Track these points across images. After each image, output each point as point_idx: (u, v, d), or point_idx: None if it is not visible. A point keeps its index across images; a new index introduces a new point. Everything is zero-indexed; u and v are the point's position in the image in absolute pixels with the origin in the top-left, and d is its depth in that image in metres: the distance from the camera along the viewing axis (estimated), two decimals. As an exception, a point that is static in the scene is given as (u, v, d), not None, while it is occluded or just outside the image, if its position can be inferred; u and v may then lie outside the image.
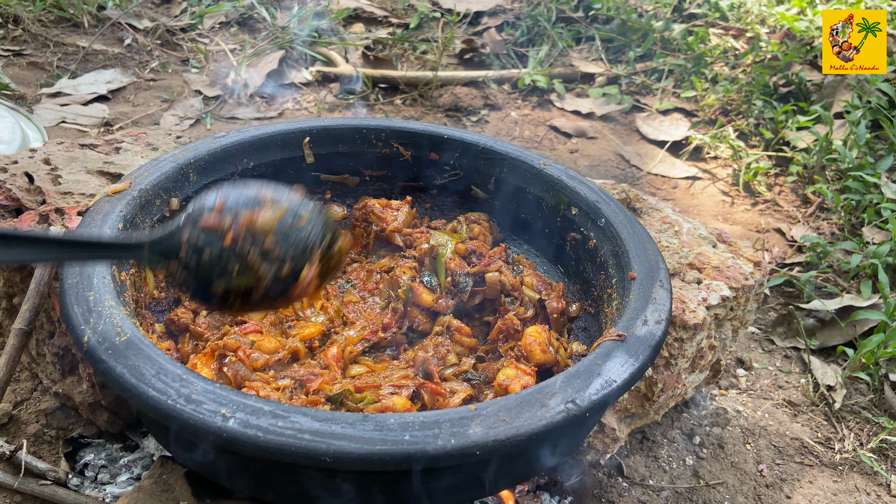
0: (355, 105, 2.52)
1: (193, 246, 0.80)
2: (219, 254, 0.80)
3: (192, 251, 0.80)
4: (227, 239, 0.80)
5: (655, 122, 2.57)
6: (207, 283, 0.81)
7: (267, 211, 0.82)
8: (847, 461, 1.41)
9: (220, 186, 0.84)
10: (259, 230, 0.81)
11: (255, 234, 0.81)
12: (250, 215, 0.81)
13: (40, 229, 1.08)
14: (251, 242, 0.81)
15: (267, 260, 0.81)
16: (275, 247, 0.82)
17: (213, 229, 0.80)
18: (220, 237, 0.80)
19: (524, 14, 3.07)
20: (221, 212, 0.81)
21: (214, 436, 0.72)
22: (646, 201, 1.48)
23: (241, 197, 0.83)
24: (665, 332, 0.90)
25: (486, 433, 0.73)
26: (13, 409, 1.28)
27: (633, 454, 1.38)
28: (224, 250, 0.80)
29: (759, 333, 1.74)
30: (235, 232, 0.80)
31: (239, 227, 0.81)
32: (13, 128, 1.97)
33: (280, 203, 0.84)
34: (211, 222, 0.80)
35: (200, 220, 0.81)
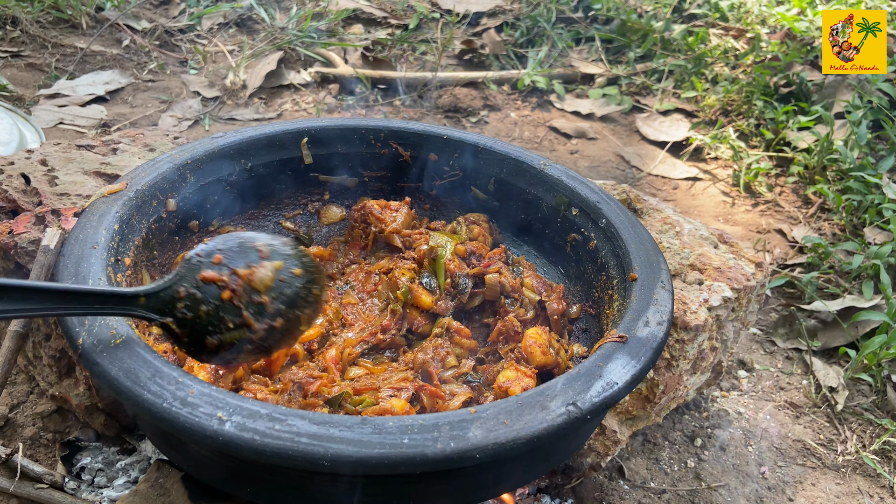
0: (354, 106, 2.51)
1: (191, 298, 0.80)
2: (216, 308, 0.80)
3: (189, 304, 0.80)
4: (224, 293, 0.80)
5: (656, 123, 2.56)
6: (201, 338, 0.81)
7: (264, 266, 0.83)
8: (850, 463, 1.40)
9: (214, 238, 0.85)
10: (256, 286, 0.81)
11: (253, 290, 0.81)
12: (248, 272, 0.82)
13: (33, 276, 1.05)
14: (248, 298, 0.81)
15: (263, 315, 0.82)
16: (271, 302, 0.82)
17: (211, 282, 0.80)
18: (218, 292, 0.80)
19: (524, 15, 3.06)
20: (220, 266, 0.81)
21: (210, 439, 0.71)
22: (646, 202, 1.47)
23: (238, 250, 0.83)
24: (667, 333, 0.89)
25: (486, 436, 0.72)
26: (9, 412, 1.27)
27: (634, 456, 1.37)
28: (221, 304, 0.80)
29: (761, 335, 1.73)
30: (234, 288, 0.80)
31: (237, 282, 0.81)
32: (10, 129, 1.96)
33: (276, 256, 0.84)
34: (209, 276, 0.80)
35: (199, 272, 0.80)
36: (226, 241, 0.84)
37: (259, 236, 0.86)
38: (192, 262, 0.81)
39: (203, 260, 0.81)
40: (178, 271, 0.81)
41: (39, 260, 1.11)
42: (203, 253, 0.82)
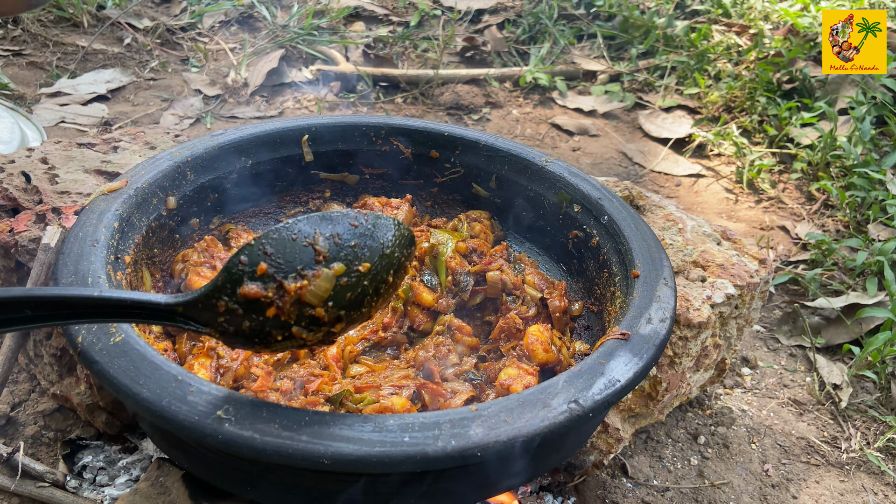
0: (356, 104, 2.50)
1: (232, 313, 0.69)
2: (260, 325, 0.70)
3: (230, 319, 0.70)
4: (268, 312, 0.69)
5: (658, 120, 2.55)
6: (247, 345, 0.72)
7: (320, 276, 0.70)
8: (854, 460, 1.39)
9: (264, 234, 0.70)
10: (309, 301, 0.70)
11: (305, 304, 0.70)
12: (299, 285, 0.69)
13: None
14: (299, 312, 0.70)
15: (318, 326, 0.71)
16: (328, 315, 0.71)
17: (253, 299, 0.69)
18: (262, 309, 0.69)
19: (525, 11, 3.05)
20: (264, 277, 0.69)
21: (210, 438, 0.70)
22: (649, 199, 1.46)
23: (290, 252, 0.69)
24: (670, 330, 0.89)
25: (488, 434, 0.72)
26: (11, 411, 1.27)
27: (638, 454, 1.36)
28: (267, 321, 0.70)
29: (764, 332, 1.72)
30: (280, 306, 0.69)
31: (284, 301, 0.69)
32: (12, 128, 1.96)
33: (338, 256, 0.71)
34: (251, 293, 0.68)
35: (239, 287, 0.69)
36: (277, 241, 0.70)
37: (320, 224, 0.72)
38: (233, 271, 0.69)
39: (246, 269, 0.69)
40: (217, 280, 0.69)
41: (40, 258, 1.11)
42: (246, 260, 0.69)
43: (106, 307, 0.69)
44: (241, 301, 0.69)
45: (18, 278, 1.19)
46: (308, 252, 0.70)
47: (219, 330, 0.71)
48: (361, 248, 0.73)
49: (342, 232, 0.72)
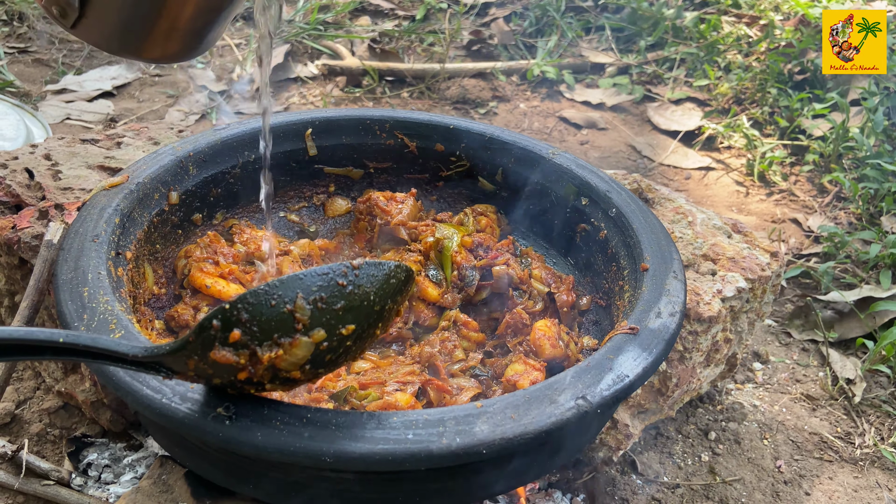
0: (362, 98, 2.49)
1: (202, 371, 0.68)
2: (231, 383, 0.69)
3: (199, 374, 0.68)
4: (240, 375, 0.67)
5: (667, 112, 2.52)
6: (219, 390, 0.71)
7: (298, 344, 0.66)
8: (868, 456, 1.37)
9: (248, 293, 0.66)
10: (285, 368, 0.67)
11: (279, 370, 0.67)
12: (273, 354, 0.66)
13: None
14: (273, 375, 0.68)
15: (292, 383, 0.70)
16: (303, 375, 0.69)
17: (224, 364, 0.66)
18: (234, 372, 0.67)
19: (533, 4, 3.03)
20: (237, 346, 0.66)
21: (211, 436, 0.69)
22: (658, 192, 1.44)
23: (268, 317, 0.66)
24: (679, 324, 0.87)
25: (493, 431, 0.70)
26: (16, 409, 1.27)
27: (648, 450, 1.34)
28: (237, 381, 0.68)
29: (776, 326, 1.70)
30: (252, 371, 0.67)
31: (258, 368, 0.67)
32: (17, 125, 1.95)
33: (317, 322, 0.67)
34: (221, 359, 0.66)
35: (210, 351, 0.66)
36: (254, 306, 0.65)
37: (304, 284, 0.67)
38: (205, 335, 0.65)
39: (218, 335, 0.65)
40: (188, 338, 0.66)
41: (42, 254, 1.10)
42: (219, 325, 0.65)
43: (72, 350, 0.68)
44: (210, 363, 0.66)
45: (22, 275, 1.19)
46: (287, 319, 0.66)
47: (189, 379, 0.69)
48: (347, 310, 0.69)
49: (327, 295, 0.68)
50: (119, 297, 0.85)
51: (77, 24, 0.76)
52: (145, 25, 0.77)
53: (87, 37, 0.79)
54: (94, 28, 0.77)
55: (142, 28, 0.77)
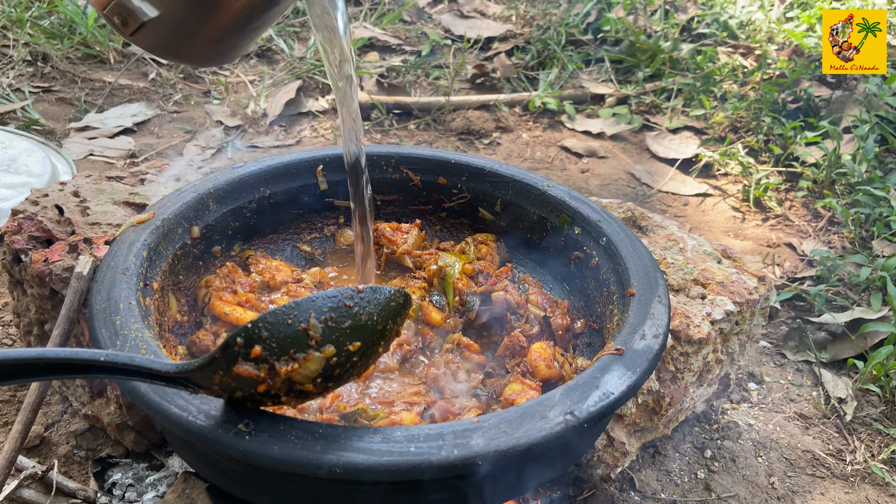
0: (370, 131, 2.59)
1: (226, 385, 0.76)
2: (251, 396, 0.77)
3: (223, 388, 0.77)
4: (260, 387, 0.75)
5: (665, 141, 2.61)
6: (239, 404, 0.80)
7: (311, 359, 0.75)
8: (858, 472, 1.42)
9: (268, 314, 0.75)
10: (299, 380, 0.76)
11: (294, 382, 0.76)
12: (290, 368, 0.74)
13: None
14: (288, 388, 0.76)
15: (304, 396, 0.79)
16: (315, 388, 0.78)
17: (246, 378, 0.74)
18: (254, 385, 0.75)
19: (534, 38, 3.14)
20: (258, 360, 0.74)
21: (233, 450, 0.76)
22: (651, 219, 1.51)
23: (285, 335, 0.74)
24: (663, 345, 0.93)
25: (488, 444, 0.77)
26: (45, 431, 1.34)
27: (645, 468, 1.40)
28: (256, 393, 0.76)
29: (771, 347, 1.75)
30: (271, 384, 0.75)
31: (276, 380, 0.75)
32: (43, 161, 2.06)
33: (329, 339, 0.75)
34: (244, 373, 0.74)
35: (234, 366, 0.74)
36: (272, 325, 0.74)
37: (316, 306, 0.76)
38: (230, 350, 0.74)
39: (241, 351, 0.74)
40: (215, 355, 0.74)
41: (73, 286, 1.18)
42: (242, 342, 0.74)
43: (111, 368, 0.77)
44: (234, 377, 0.75)
45: (52, 305, 1.27)
46: (301, 336, 0.75)
47: (213, 394, 0.78)
48: (354, 329, 0.77)
49: (336, 315, 0.76)
50: (147, 324, 0.93)
51: (136, 33, 0.86)
52: (197, 31, 0.87)
53: (144, 43, 0.89)
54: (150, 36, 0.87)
55: (194, 34, 0.87)
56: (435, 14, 3.48)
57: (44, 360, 0.75)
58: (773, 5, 3.20)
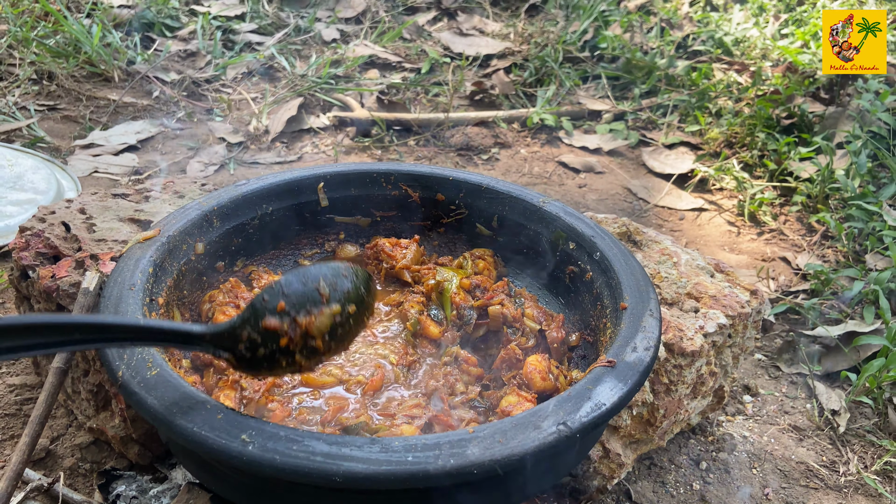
0: (371, 147, 2.63)
1: (251, 342, 0.86)
2: (272, 352, 0.86)
3: (249, 346, 0.86)
4: (282, 341, 0.86)
5: (661, 156, 2.64)
6: (255, 370, 0.88)
7: (323, 314, 0.87)
8: (852, 484, 1.44)
9: (279, 280, 0.88)
10: (313, 334, 0.87)
11: (309, 336, 0.87)
12: (308, 320, 0.86)
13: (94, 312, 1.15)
14: (304, 344, 0.87)
15: (314, 355, 0.89)
16: (323, 346, 0.88)
17: (272, 331, 0.86)
18: (277, 339, 0.86)
19: (532, 56, 3.18)
20: (282, 314, 0.86)
21: (236, 459, 0.79)
22: (646, 234, 1.54)
23: (301, 294, 0.87)
24: (654, 358, 0.96)
25: (483, 453, 0.79)
26: (50, 444, 1.36)
27: (641, 480, 1.42)
28: (278, 349, 0.86)
29: (766, 360, 1.78)
30: (292, 337, 0.86)
31: (296, 332, 0.86)
32: (49, 178, 2.09)
33: (335, 298, 0.88)
34: (272, 325, 0.85)
35: (263, 320, 0.85)
36: (290, 284, 0.87)
37: (322, 272, 0.89)
38: (258, 307, 0.86)
39: (268, 306, 0.86)
40: (244, 315, 0.86)
41: (80, 301, 1.21)
42: (268, 299, 0.86)
43: (148, 332, 0.85)
44: (261, 331, 0.85)
45: (59, 320, 1.29)
46: (315, 294, 0.88)
47: (237, 355, 0.87)
48: (349, 292, 0.90)
49: (337, 281, 0.90)
50: (153, 338, 0.96)
51: None
52: None
53: None
54: None
55: None
56: (434, 32, 3.53)
57: (74, 324, 0.81)
58: (768, 22, 3.25)
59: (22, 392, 1.47)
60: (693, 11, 3.52)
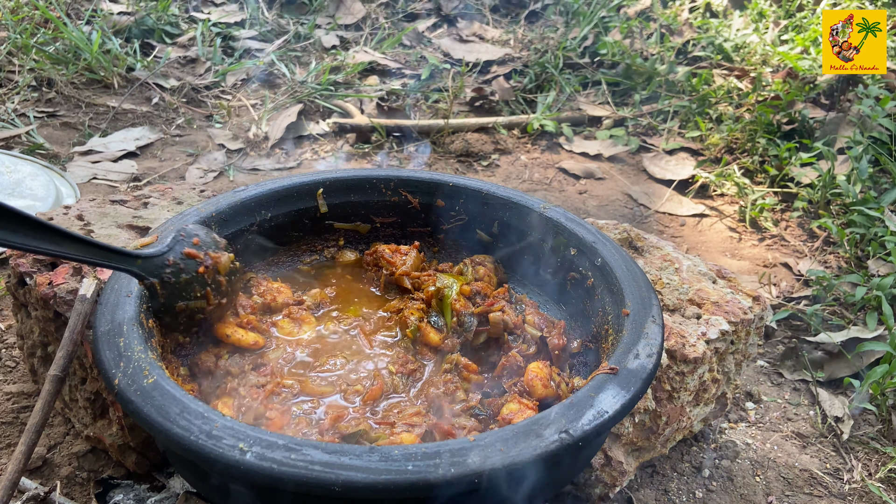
0: (371, 154, 2.62)
1: (177, 267, 1.05)
2: (191, 278, 1.06)
3: (174, 271, 1.05)
4: (200, 268, 1.07)
5: (662, 162, 2.64)
6: (174, 300, 1.05)
7: (225, 255, 1.10)
8: (856, 491, 1.42)
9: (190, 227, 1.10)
10: (220, 270, 1.10)
11: (217, 271, 1.09)
12: (216, 255, 1.09)
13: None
14: (213, 276, 1.08)
15: (218, 292, 1.10)
16: (225, 285, 1.11)
17: (192, 258, 1.06)
18: (196, 266, 1.07)
19: (532, 62, 3.18)
20: (198, 246, 1.08)
21: (233, 468, 0.78)
22: (647, 240, 1.54)
23: (207, 239, 1.10)
24: (656, 364, 0.95)
25: (484, 462, 0.78)
26: (47, 453, 1.35)
27: (644, 487, 1.40)
28: (196, 276, 1.06)
29: (768, 367, 1.77)
30: (207, 266, 1.08)
31: (209, 262, 1.08)
32: (48, 185, 2.09)
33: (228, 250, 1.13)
34: (192, 252, 1.07)
35: (184, 248, 1.06)
36: (196, 230, 1.09)
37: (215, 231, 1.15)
38: (179, 239, 1.06)
39: (186, 240, 1.07)
40: (169, 244, 1.05)
41: (77, 308, 1.20)
42: (185, 234, 1.07)
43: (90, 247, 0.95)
44: (183, 257, 1.06)
45: (56, 327, 1.28)
46: (216, 241, 1.12)
47: (163, 280, 1.04)
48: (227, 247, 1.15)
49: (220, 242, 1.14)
50: (150, 346, 0.95)
51: None
52: None
53: None
54: None
55: None
56: (434, 38, 3.54)
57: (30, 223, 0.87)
58: (768, 28, 3.25)
59: (19, 400, 1.45)
60: (693, 17, 3.52)
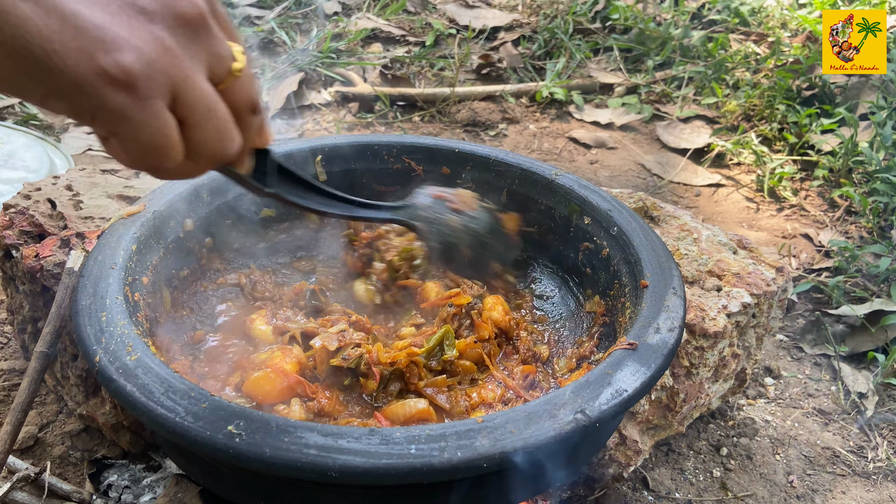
0: (374, 123, 2.54)
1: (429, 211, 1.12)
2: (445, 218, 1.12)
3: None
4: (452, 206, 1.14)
5: (676, 131, 2.55)
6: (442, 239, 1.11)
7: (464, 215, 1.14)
8: (881, 470, 1.36)
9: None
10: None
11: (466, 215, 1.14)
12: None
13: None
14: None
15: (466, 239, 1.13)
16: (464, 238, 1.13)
17: (439, 199, 1.13)
18: (444, 206, 1.13)
19: (541, 28, 3.07)
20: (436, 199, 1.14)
21: (222, 452, 0.72)
22: (664, 209, 1.46)
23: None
24: (678, 339, 0.88)
25: (493, 445, 0.72)
26: (39, 432, 1.31)
27: (659, 466, 1.35)
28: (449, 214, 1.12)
29: (788, 341, 1.70)
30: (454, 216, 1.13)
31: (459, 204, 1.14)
32: (41, 157, 2.02)
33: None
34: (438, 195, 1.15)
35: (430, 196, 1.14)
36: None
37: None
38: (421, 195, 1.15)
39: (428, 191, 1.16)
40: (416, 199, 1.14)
41: (64, 282, 1.14)
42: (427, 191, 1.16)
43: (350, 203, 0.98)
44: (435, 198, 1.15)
45: (44, 302, 1.23)
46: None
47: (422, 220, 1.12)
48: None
49: None
50: (136, 320, 0.89)
51: None
52: None
53: None
54: None
55: None
56: (439, 4, 3.42)
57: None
58: (786, -9, 3.13)
59: (10, 377, 1.41)
60: (707, -19, 3.39)
